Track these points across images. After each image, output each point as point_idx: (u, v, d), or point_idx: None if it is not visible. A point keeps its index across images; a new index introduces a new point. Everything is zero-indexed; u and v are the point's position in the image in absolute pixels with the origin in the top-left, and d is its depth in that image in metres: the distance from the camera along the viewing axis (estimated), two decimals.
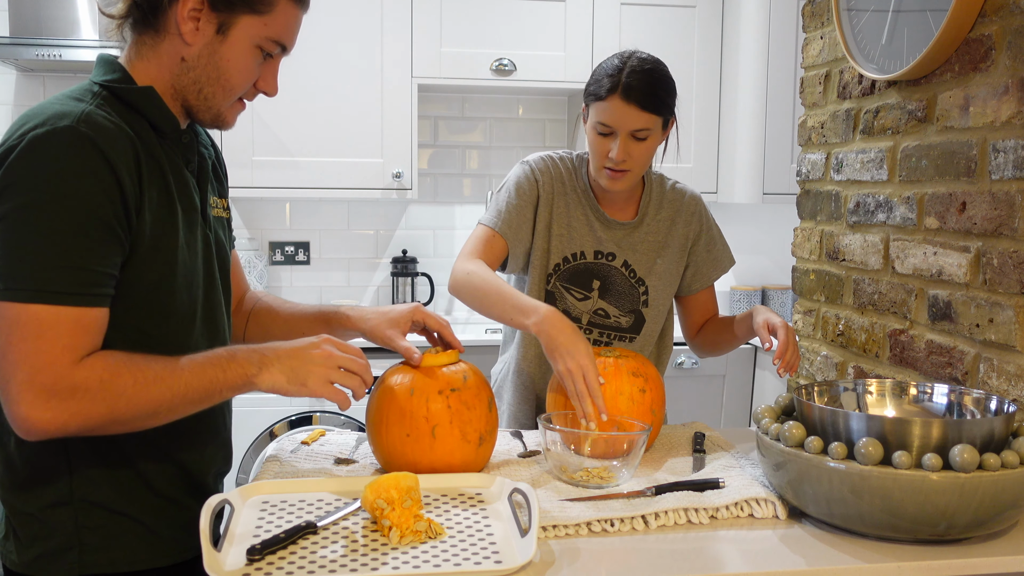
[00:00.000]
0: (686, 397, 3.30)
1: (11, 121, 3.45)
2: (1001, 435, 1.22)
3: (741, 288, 3.68)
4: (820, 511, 1.25)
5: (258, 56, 1.23)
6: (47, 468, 1.20)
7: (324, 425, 3.02)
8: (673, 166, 3.56)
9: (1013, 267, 1.44)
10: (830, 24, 1.99)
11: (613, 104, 1.73)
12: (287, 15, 1.23)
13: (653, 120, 1.75)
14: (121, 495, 1.23)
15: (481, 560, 1.12)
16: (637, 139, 1.76)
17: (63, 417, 1.08)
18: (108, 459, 1.22)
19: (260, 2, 1.19)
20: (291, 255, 3.70)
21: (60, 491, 1.21)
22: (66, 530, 1.21)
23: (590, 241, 1.89)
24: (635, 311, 1.91)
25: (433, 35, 3.36)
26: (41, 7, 3.13)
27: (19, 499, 1.22)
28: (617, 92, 1.72)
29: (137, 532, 1.25)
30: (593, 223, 1.89)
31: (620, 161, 1.76)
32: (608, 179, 1.80)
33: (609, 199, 1.90)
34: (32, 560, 1.22)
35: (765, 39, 3.37)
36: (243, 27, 1.20)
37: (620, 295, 1.90)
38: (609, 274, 1.89)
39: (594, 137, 1.79)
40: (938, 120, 1.63)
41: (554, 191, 1.88)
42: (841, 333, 1.95)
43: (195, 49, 1.20)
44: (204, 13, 1.18)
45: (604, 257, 1.89)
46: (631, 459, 1.41)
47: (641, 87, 1.72)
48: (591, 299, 1.89)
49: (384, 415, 1.42)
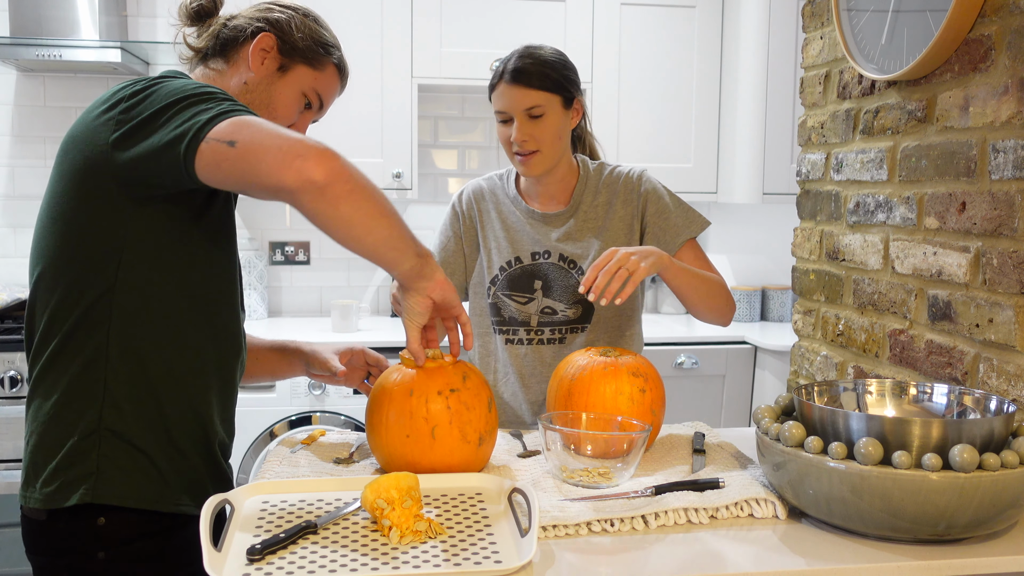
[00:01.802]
0: (686, 397, 3.30)
1: (11, 121, 3.47)
2: (1001, 435, 1.23)
3: (741, 288, 3.68)
4: (820, 511, 1.26)
5: (302, 102, 1.51)
6: (83, 394, 1.30)
7: (324, 425, 3.02)
8: (673, 166, 3.59)
9: (1013, 267, 1.45)
10: (830, 24, 1.99)
11: (501, 89, 1.84)
12: (332, 78, 1.54)
13: (544, 96, 1.82)
14: (143, 432, 1.33)
15: (481, 560, 1.12)
16: (533, 117, 1.82)
17: (328, 160, 1.19)
18: (140, 395, 1.32)
19: (316, 59, 1.50)
20: (291, 255, 3.70)
21: (90, 421, 1.30)
22: (88, 459, 1.30)
23: (526, 244, 1.94)
24: (579, 301, 1.93)
25: (433, 35, 3.36)
26: (41, 7, 3.14)
27: (51, 433, 1.32)
28: (503, 78, 1.83)
29: (150, 474, 1.34)
30: (525, 225, 1.95)
31: (522, 142, 1.83)
32: (520, 164, 1.87)
33: (540, 195, 1.95)
34: (51, 493, 1.30)
35: (765, 39, 3.37)
36: (298, 73, 1.49)
37: (563, 289, 1.93)
38: (548, 272, 1.93)
39: (499, 129, 1.87)
40: (938, 120, 1.63)
41: (479, 212, 1.98)
42: (841, 333, 1.95)
43: (257, 78, 1.46)
44: (272, 52, 1.46)
45: (540, 256, 1.94)
46: (631, 459, 1.41)
47: (524, 67, 1.81)
48: (535, 300, 1.93)
49: (384, 415, 1.42)
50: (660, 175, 2.00)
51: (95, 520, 1.31)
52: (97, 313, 1.30)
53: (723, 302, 1.85)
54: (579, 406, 1.55)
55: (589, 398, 1.55)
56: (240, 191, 1.25)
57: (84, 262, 1.30)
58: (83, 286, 1.30)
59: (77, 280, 1.30)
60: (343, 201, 1.20)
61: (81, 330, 1.30)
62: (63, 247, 1.31)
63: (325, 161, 1.18)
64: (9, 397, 2.90)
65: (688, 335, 3.36)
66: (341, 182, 1.19)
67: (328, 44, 1.52)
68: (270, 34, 1.46)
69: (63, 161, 1.33)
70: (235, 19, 1.48)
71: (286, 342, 1.72)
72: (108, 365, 1.30)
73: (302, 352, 1.70)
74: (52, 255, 1.33)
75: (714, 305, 1.83)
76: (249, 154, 1.17)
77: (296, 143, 1.18)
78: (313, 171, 1.17)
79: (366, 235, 1.26)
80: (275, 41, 1.46)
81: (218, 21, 1.49)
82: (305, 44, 1.48)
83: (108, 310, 1.30)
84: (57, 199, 1.32)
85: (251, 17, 1.48)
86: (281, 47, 1.47)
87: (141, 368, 1.32)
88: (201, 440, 1.41)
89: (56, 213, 1.32)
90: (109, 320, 1.30)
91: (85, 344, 1.30)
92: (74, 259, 1.30)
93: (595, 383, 1.56)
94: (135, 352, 1.32)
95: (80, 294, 1.30)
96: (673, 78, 3.54)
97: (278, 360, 1.70)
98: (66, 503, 1.29)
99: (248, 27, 1.46)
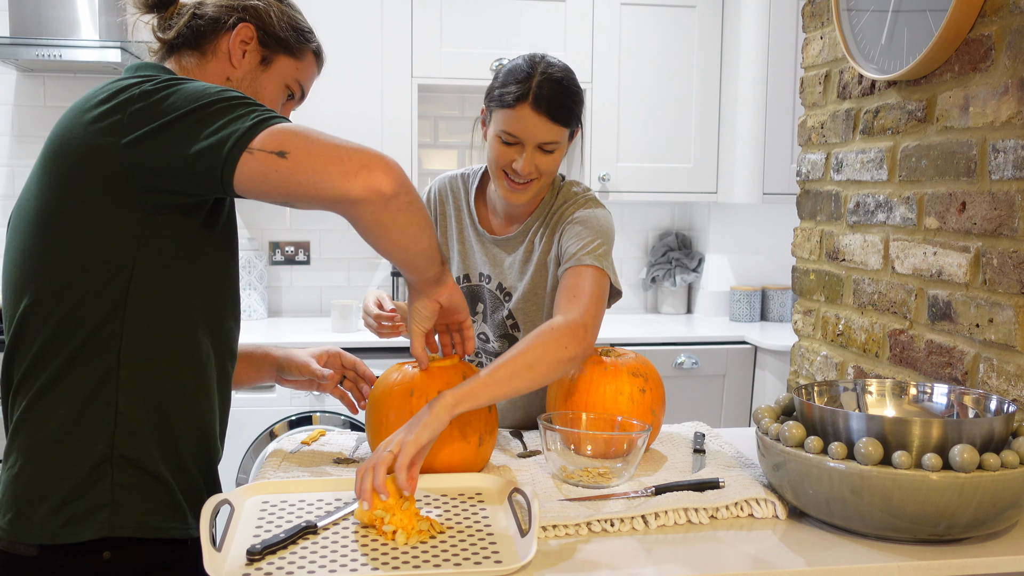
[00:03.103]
0: (686, 397, 3.30)
1: (11, 121, 3.47)
2: (1001, 435, 1.23)
3: (741, 288, 3.68)
4: (820, 511, 1.26)
5: (284, 94, 1.44)
6: (92, 421, 1.21)
7: (324, 425, 3.02)
8: (673, 166, 3.59)
9: (1013, 267, 1.45)
10: (830, 24, 1.99)
11: (522, 113, 1.59)
12: (311, 65, 1.47)
13: (562, 133, 1.63)
14: (156, 457, 1.24)
15: (481, 560, 1.12)
16: (544, 151, 1.63)
17: (388, 166, 1.16)
18: (152, 417, 1.24)
19: (297, 49, 1.42)
20: (291, 255, 3.70)
21: (101, 449, 1.21)
22: (100, 489, 1.20)
23: (476, 263, 1.81)
24: (506, 335, 1.80)
25: (433, 35, 3.36)
26: (41, 7, 3.13)
27: (53, 463, 1.21)
28: (527, 101, 1.58)
29: (164, 498, 1.25)
30: (474, 244, 1.81)
31: (526, 174, 1.63)
32: (508, 190, 1.66)
33: (504, 214, 1.78)
34: (57, 528, 1.20)
35: (765, 39, 3.37)
36: (281, 64, 1.41)
37: (494, 321, 1.81)
38: (486, 298, 1.81)
39: (497, 145, 1.64)
40: (938, 120, 1.63)
41: (447, 213, 1.84)
42: (841, 333, 1.95)
43: (240, 72, 1.38)
44: (253, 45, 1.38)
45: (483, 279, 1.81)
46: (631, 459, 1.41)
47: (553, 97, 1.59)
48: (476, 323, 1.81)
49: (384, 415, 1.42)
50: (660, 175, 1.98)
51: (99, 555, 1.21)
52: (107, 332, 1.20)
53: (540, 372, 1.42)
54: (579, 406, 1.55)
55: (589, 398, 1.55)
56: (284, 202, 1.18)
57: (91, 279, 1.19)
58: (90, 306, 1.19)
59: (82, 299, 1.19)
60: (403, 212, 1.19)
61: (87, 352, 1.20)
62: (65, 263, 1.20)
63: (391, 171, 1.16)
64: None
65: (688, 335, 3.36)
66: (404, 192, 1.18)
67: (305, 31, 1.43)
68: (250, 25, 1.36)
69: (55, 166, 1.21)
70: (204, 6, 1.37)
71: (254, 347, 1.62)
72: (120, 388, 1.21)
73: (272, 357, 1.61)
74: (49, 276, 1.21)
75: (535, 380, 1.42)
76: (306, 165, 1.13)
77: (357, 153, 1.15)
78: (381, 182, 1.14)
79: (414, 244, 1.25)
80: (255, 32, 1.37)
81: (186, 10, 1.37)
82: (285, 34, 1.39)
83: (120, 328, 1.20)
84: (52, 210, 1.20)
85: (224, 5, 1.37)
86: (261, 38, 1.37)
87: (153, 389, 1.23)
88: (204, 459, 1.34)
89: (53, 226, 1.20)
90: (120, 339, 1.20)
91: (94, 367, 1.20)
92: (78, 278, 1.20)
93: (595, 383, 1.56)
94: (148, 372, 1.23)
95: (86, 315, 1.20)
96: (673, 78, 3.54)
97: (243, 366, 1.57)
98: (78, 538, 1.19)
99: (224, 17, 1.36)
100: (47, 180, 1.21)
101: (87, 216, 1.18)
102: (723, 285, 3.77)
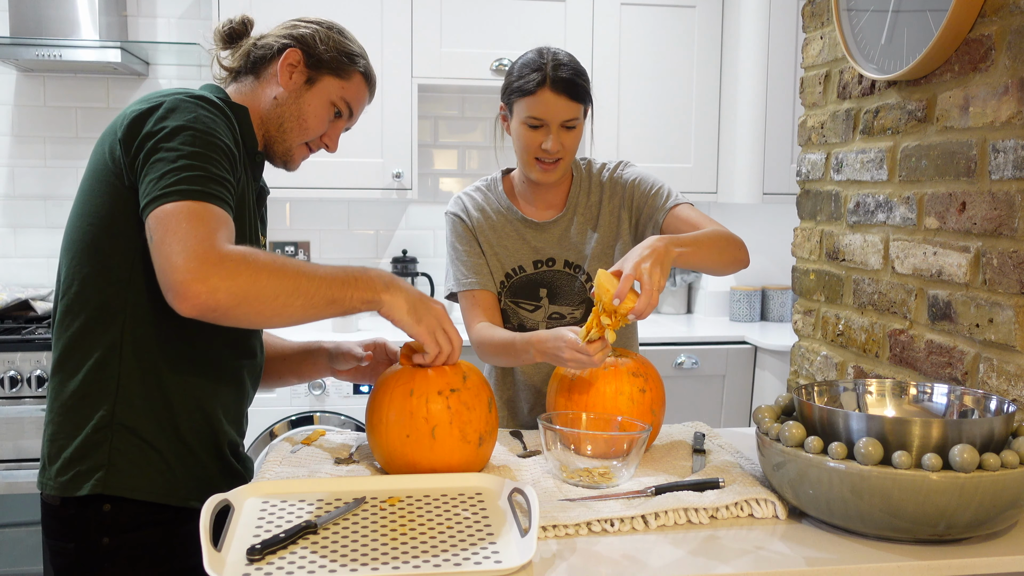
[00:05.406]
0: (686, 397, 3.30)
1: (11, 121, 3.47)
2: (1001, 435, 1.23)
3: (741, 288, 3.68)
4: (820, 511, 1.26)
5: (331, 112, 1.58)
6: (98, 388, 1.38)
7: (324, 425, 3.02)
8: (673, 166, 3.58)
9: (1013, 267, 1.45)
10: (830, 24, 1.99)
11: (544, 97, 1.78)
12: (359, 86, 1.61)
13: (580, 109, 1.82)
14: (153, 428, 1.40)
15: (481, 560, 1.12)
16: (567, 128, 1.81)
17: (214, 281, 1.21)
18: (150, 391, 1.39)
19: (342, 70, 1.56)
20: (291, 255, 3.70)
21: (103, 415, 1.37)
22: (100, 452, 1.37)
23: (526, 253, 1.93)
24: (585, 300, 1.94)
25: (433, 35, 3.36)
26: (41, 7, 3.13)
27: (67, 424, 1.39)
28: (547, 85, 1.78)
29: (159, 467, 1.40)
30: (524, 234, 1.93)
31: (555, 151, 1.81)
32: (541, 172, 1.85)
33: (539, 202, 1.94)
34: (64, 482, 1.37)
35: (765, 39, 3.37)
36: (326, 84, 1.55)
37: (569, 294, 1.94)
38: (554, 279, 1.93)
39: (524, 132, 1.82)
40: (938, 120, 1.63)
41: (480, 222, 1.93)
42: (841, 333, 1.95)
43: (286, 92, 1.53)
44: (299, 67, 1.53)
45: (544, 264, 1.93)
46: (631, 459, 1.41)
47: (568, 78, 1.79)
48: (542, 307, 1.94)
49: (384, 415, 1.42)
50: (660, 175, 1.99)
51: (101, 507, 1.37)
52: (115, 304, 1.37)
53: (732, 253, 1.75)
54: (579, 406, 1.56)
55: (589, 398, 1.55)
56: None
57: (107, 253, 1.37)
58: (105, 275, 1.37)
59: (102, 266, 1.38)
60: (255, 303, 1.26)
61: (102, 316, 1.37)
62: (82, 246, 1.39)
63: (221, 283, 1.22)
64: (9, 397, 2.90)
65: (688, 335, 3.36)
66: (242, 293, 1.25)
67: (353, 54, 1.58)
68: (296, 49, 1.53)
69: (92, 157, 1.42)
70: (264, 38, 1.56)
71: (310, 342, 1.76)
72: (122, 362, 1.38)
73: (325, 350, 1.72)
74: (69, 256, 1.42)
75: (727, 260, 1.74)
76: (160, 252, 1.24)
77: (196, 265, 1.22)
78: (208, 301, 1.22)
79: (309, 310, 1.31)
80: (301, 55, 1.53)
81: (248, 42, 1.57)
82: (330, 56, 1.54)
83: (123, 304, 1.37)
84: (84, 193, 1.41)
85: (279, 35, 1.55)
86: (307, 60, 1.53)
87: (152, 365, 1.39)
88: (209, 438, 1.46)
89: (84, 208, 1.40)
90: (124, 314, 1.37)
91: (102, 336, 1.38)
92: (99, 250, 1.38)
93: (595, 383, 1.56)
94: (147, 349, 1.38)
95: (103, 279, 1.37)
96: (673, 78, 3.54)
97: (301, 360, 1.74)
98: (77, 492, 1.36)
99: (276, 44, 1.54)
100: (87, 165, 1.44)
101: (105, 204, 1.37)
102: (723, 285, 3.77)
